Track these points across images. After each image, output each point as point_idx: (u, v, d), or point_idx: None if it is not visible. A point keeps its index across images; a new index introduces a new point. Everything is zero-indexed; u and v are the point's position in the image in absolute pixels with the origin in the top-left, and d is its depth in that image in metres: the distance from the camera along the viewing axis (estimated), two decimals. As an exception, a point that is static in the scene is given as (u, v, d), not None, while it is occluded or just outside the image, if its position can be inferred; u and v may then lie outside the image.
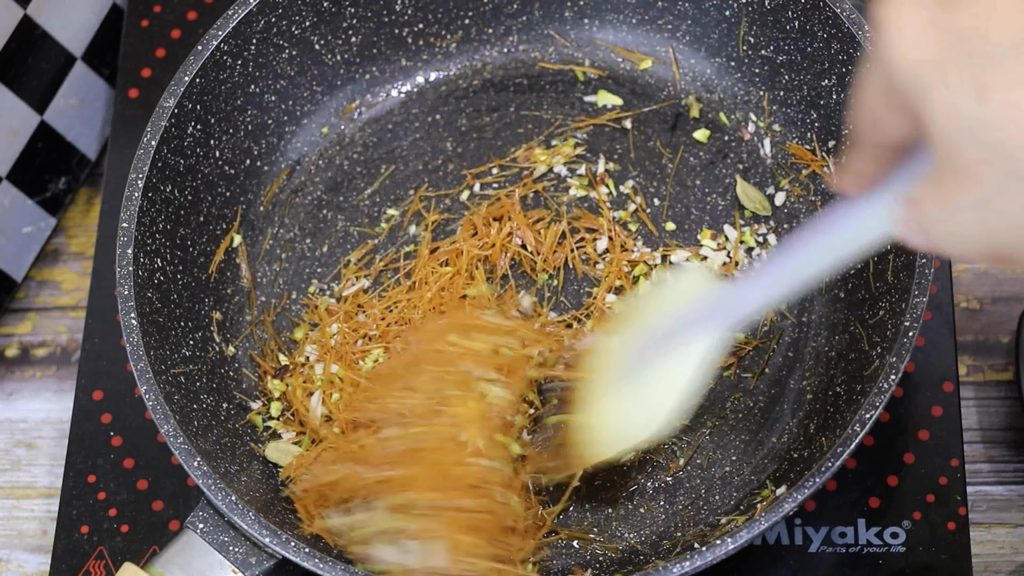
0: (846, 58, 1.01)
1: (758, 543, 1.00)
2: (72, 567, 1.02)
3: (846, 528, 1.00)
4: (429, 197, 1.09)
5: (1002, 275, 1.11)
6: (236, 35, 1.04)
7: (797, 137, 1.07)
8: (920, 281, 0.92)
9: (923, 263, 0.93)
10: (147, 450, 1.05)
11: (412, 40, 1.12)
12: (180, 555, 0.90)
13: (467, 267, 1.04)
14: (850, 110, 0.70)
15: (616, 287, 1.04)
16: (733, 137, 1.09)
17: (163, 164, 1.01)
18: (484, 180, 1.10)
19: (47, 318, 1.16)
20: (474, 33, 1.13)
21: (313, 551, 0.88)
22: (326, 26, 1.09)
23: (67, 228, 1.19)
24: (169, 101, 1.02)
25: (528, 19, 1.13)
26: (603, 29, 1.13)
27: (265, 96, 1.08)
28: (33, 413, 1.13)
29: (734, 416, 1.01)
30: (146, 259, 0.99)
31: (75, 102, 1.16)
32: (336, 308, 1.04)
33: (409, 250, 1.07)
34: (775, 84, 1.08)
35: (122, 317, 0.95)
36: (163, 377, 0.95)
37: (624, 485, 0.99)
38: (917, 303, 0.92)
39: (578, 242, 1.06)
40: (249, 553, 0.90)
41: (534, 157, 1.10)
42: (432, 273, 1.04)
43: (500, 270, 1.05)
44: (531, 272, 1.05)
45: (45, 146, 1.14)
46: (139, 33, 1.18)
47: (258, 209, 1.09)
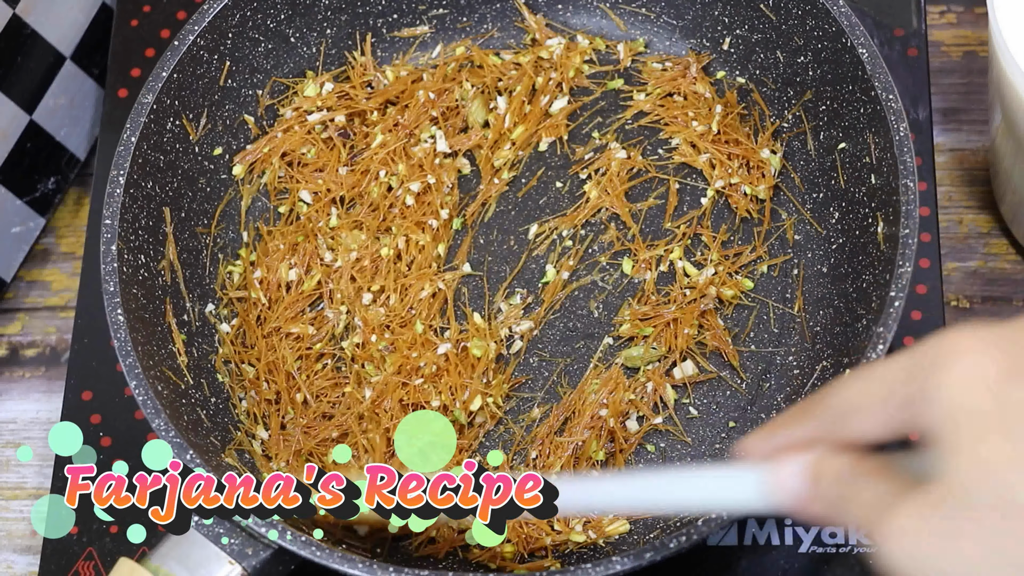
0: (821, 34, 1.02)
1: (748, 542, 1.00)
2: (61, 568, 1.02)
3: (836, 528, 1.00)
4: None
5: (993, 275, 1.11)
6: (212, 30, 1.04)
7: (774, 115, 1.08)
8: (904, 251, 0.93)
9: (906, 233, 0.93)
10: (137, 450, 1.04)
11: (387, 31, 1.12)
12: (176, 548, 0.89)
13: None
14: (819, 393, 0.71)
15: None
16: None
17: (144, 160, 1.01)
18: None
19: (36, 318, 1.15)
20: (448, 22, 1.13)
21: (310, 539, 0.88)
22: (301, 19, 1.09)
23: (56, 228, 1.18)
24: (148, 97, 1.02)
25: (502, 7, 1.13)
26: (577, 14, 1.13)
27: (242, 90, 1.08)
28: (22, 413, 1.12)
29: (722, 394, 1.02)
30: (130, 255, 0.98)
31: (64, 102, 1.16)
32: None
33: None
34: (750, 63, 1.09)
35: (108, 313, 0.95)
36: (152, 372, 0.95)
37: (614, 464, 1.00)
38: (902, 273, 0.92)
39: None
40: (245, 544, 0.90)
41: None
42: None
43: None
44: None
45: (34, 146, 1.14)
46: (128, 33, 1.18)
47: (239, 203, 1.09)
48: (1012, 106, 1.00)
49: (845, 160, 1.02)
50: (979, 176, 1.15)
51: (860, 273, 0.99)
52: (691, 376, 1.02)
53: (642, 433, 1.01)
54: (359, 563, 0.88)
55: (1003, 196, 1.11)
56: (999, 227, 1.13)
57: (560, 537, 0.97)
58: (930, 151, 1.09)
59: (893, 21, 1.13)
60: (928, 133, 1.10)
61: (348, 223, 1.06)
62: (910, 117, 1.09)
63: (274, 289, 1.05)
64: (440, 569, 0.96)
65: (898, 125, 0.96)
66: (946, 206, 1.14)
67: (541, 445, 1.00)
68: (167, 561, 0.89)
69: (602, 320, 1.04)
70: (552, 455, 0.99)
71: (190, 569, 0.89)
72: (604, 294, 1.05)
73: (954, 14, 1.20)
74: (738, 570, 1.00)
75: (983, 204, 1.14)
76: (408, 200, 1.06)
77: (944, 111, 1.17)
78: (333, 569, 0.89)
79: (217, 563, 0.89)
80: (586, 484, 0.83)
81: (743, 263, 1.05)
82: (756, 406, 1.01)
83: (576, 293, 1.05)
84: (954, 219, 1.13)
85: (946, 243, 1.12)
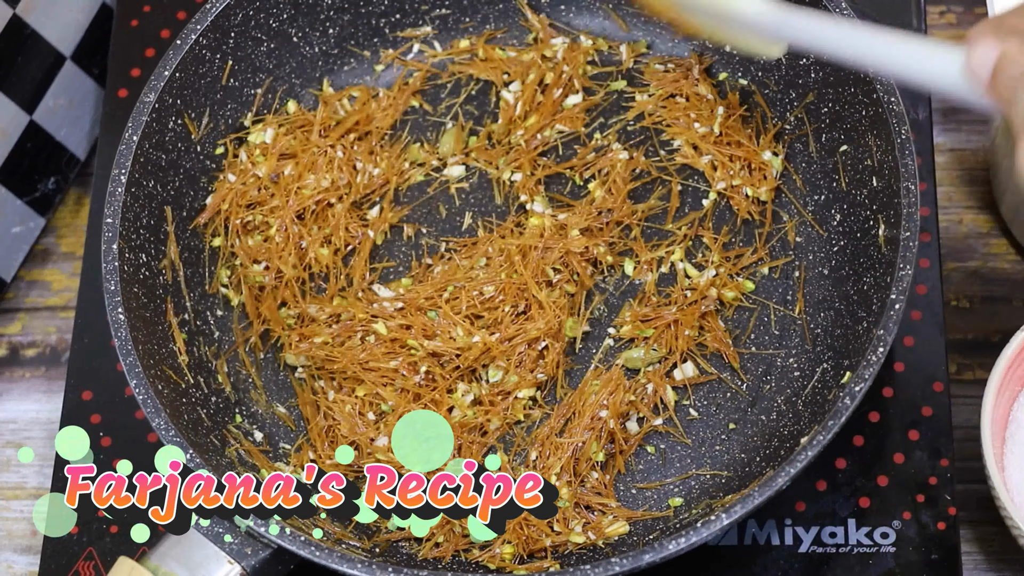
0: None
1: (748, 543, 1.00)
2: (61, 567, 1.02)
3: (836, 528, 1.00)
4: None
5: (993, 275, 1.11)
6: (214, 29, 1.04)
7: (776, 117, 1.08)
8: (905, 254, 0.93)
9: (907, 236, 0.93)
10: (136, 450, 1.05)
11: (389, 31, 1.12)
12: (176, 547, 0.90)
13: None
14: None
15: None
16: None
17: (145, 159, 1.01)
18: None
19: (36, 318, 1.15)
20: (451, 22, 1.13)
21: (309, 539, 0.88)
22: (304, 18, 1.09)
23: (57, 228, 1.18)
24: (149, 96, 1.02)
25: (505, 6, 1.13)
26: (580, 15, 1.13)
27: (245, 89, 1.08)
28: (23, 413, 1.12)
29: (723, 395, 1.02)
30: (131, 254, 0.98)
31: (64, 102, 1.16)
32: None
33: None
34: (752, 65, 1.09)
35: (109, 312, 0.95)
36: (152, 371, 0.95)
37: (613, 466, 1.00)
38: (903, 275, 0.92)
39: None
40: (244, 543, 0.90)
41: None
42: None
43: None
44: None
45: (34, 146, 1.14)
46: (128, 33, 1.18)
47: (240, 203, 1.09)
48: (1013, 107, 1.00)
49: (847, 162, 1.02)
50: (979, 176, 1.15)
51: (861, 275, 0.99)
52: (691, 378, 1.02)
53: (642, 434, 1.01)
54: (358, 563, 0.88)
55: (1003, 196, 1.11)
56: (999, 227, 1.13)
57: (559, 538, 0.97)
58: (930, 151, 1.09)
59: (893, 21, 1.13)
60: (928, 133, 1.10)
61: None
62: (910, 117, 1.09)
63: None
64: (440, 569, 0.96)
65: (899, 128, 0.96)
66: (946, 206, 1.14)
67: (541, 446, 1.00)
68: (166, 560, 0.89)
69: (603, 321, 1.04)
70: (552, 456, 0.99)
71: (189, 568, 0.89)
72: (605, 295, 1.05)
73: (954, 14, 1.20)
74: (738, 570, 1.00)
75: (983, 204, 1.14)
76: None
77: (944, 111, 1.17)
78: (332, 569, 0.89)
79: (216, 562, 0.89)
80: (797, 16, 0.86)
81: (744, 265, 1.05)
82: (756, 408, 1.01)
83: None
84: (954, 219, 1.13)
85: (946, 243, 1.12)
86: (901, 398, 1.03)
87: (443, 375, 1.00)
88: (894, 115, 0.96)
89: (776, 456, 0.97)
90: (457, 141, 1.10)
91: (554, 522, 0.97)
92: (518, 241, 1.04)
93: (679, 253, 1.05)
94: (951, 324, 1.09)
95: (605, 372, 1.02)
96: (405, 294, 1.03)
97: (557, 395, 1.02)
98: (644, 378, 1.02)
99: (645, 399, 1.01)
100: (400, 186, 1.09)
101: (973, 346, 1.09)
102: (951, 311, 1.10)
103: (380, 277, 1.06)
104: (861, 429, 1.02)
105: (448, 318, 1.01)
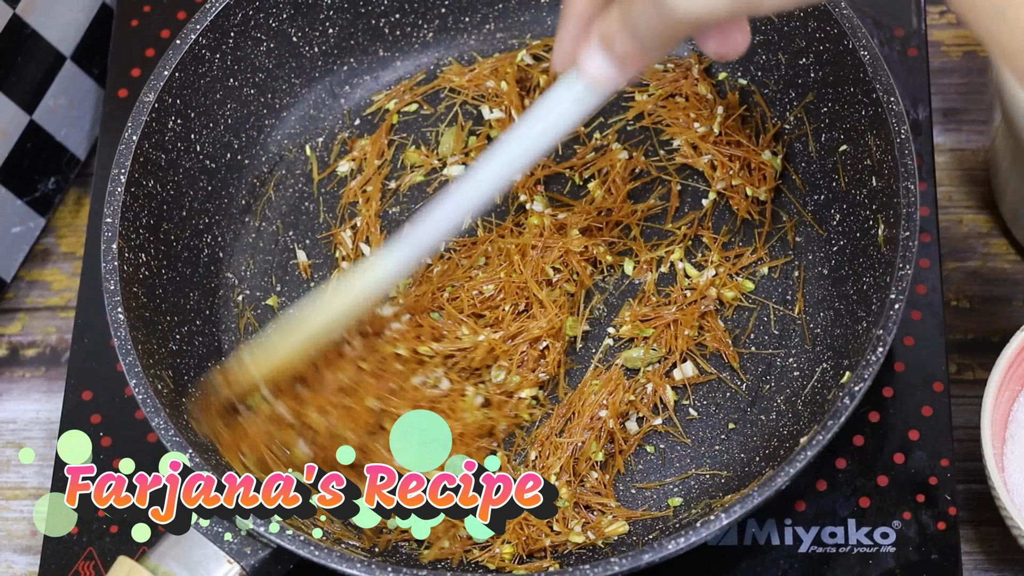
0: (823, 36, 1.02)
1: (748, 543, 1.00)
2: (61, 567, 1.02)
3: (836, 528, 1.00)
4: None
5: (993, 275, 1.11)
6: (214, 29, 1.04)
7: (775, 117, 1.08)
8: (904, 254, 0.93)
9: (907, 236, 0.93)
10: (137, 450, 1.05)
11: (389, 30, 1.12)
12: (175, 547, 0.90)
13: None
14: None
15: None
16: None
17: (145, 159, 1.01)
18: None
19: (36, 318, 1.15)
20: (451, 22, 1.13)
21: (309, 539, 0.88)
22: (303, 18, 1.09)
23: (57, 228, 1.18)
24: (149, 96, 1.02)
25: (504, 6, 1.13)
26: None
27: (244, 89, 1.08)
28: (23, 413, 1.12)
29: (722, 395, 1.02)
30: (131, 254, 0.98)
31: (64, 102, 1.16)
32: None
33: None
34: (752, 64, 1.09)
35: (109, 312, 0.95)
36: (152, 371, 0.95)
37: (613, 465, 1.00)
38: (902, 275, 0.92)
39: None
40: (244, 543, 0.90)
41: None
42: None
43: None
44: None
45: (34, 146, 1.14)
46: (129, 33, 1.18)
47: (240, 203, 1.09)
48: (1012, 106, 1.00)
49: (846, 162, 1.02)
50: (979, 176, 1.15)
51: (861, 275, 0.99)
52: (691, 377, 1.02)
53: (642, 434, 1.01)
54: (358, 563, 0.88)
55: (1003, 196, 1.11)
56: (999, 227, 1.13)
57: (559, 538, 0.97)
58: (930, 151, 1.09)
59: (893, 21, 1.13)
60: (928, 133, 1.10)
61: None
62: (910, 117, 1.09)
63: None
64: (439, 569, 0.96)
65: (899, 127, 0.96)
66: (946, 206, 1.14)
67: (541, 446, 1.00)
68: (166, 560, 0.89)
69: (602, 321, 1.04)
70: (551, 456, 0.99)
71: (189, 568, 0.89)
72: (604, 295, 1.05)
73: (954, 14, 1.20)
74: (738, 570, 1.00)
75: (983, 204, 1.14)
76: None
77: (944, 111, 1.17)
78: (332, 569, 0.89)
79: (216, 562, 0.89)
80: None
81: (744, 265, 1.05)
82: (756, 408, 1.01)
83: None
84: (954, 219, 1.13)
85: (946, 243, 1.12)
86: (901, 398, 1.03)
87: (456, 378, 1.01)
88: (894, 115, 0.96)
89: (776, 456, 0.97)
90: (457, 141, 1.10)
91: (554, 522, 0.97)
92: (517, 240, 1.04)
93: (679, 253, 1.05)
94: (951, 324, 1.09)
95: (605, 372, 1.02)
96: (405, 294, 1.03)
97: (559, 395, 1.02)
98: (644, 378, 1.02)
99: (645, 399, 1.01)
100: (400, 187, 1.10)
101: (973, 346, 1.09)
102: (951, 311, 1.10)
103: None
104: (861, 429, 1.02)
105: (452, 317, 1.02)
